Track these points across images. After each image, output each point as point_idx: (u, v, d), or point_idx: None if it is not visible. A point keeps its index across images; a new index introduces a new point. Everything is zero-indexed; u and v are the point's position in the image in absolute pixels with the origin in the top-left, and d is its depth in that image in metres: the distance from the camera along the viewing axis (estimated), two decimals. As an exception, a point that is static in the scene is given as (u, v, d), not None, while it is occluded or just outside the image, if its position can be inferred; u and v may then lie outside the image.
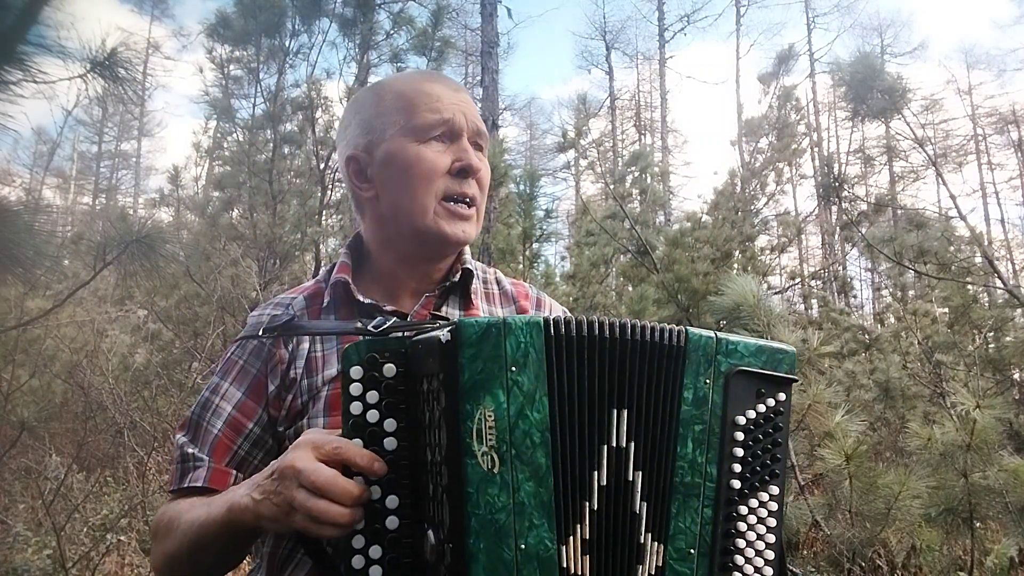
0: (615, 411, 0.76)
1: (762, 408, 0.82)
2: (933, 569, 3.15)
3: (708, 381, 0.79)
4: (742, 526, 0.79)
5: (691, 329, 0.80)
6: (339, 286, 1.04)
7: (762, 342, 0.83)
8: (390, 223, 1.04)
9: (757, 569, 0.80)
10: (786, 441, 0.83)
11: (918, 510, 2.69)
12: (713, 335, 0.81)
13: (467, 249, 1.11)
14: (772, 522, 0.81)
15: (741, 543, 0.79)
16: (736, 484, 0.80)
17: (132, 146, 25.49)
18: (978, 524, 2.91)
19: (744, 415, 0.81)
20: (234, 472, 0.97)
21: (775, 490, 0.81)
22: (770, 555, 0.80)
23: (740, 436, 0.80)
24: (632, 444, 0.76)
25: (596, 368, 0.76)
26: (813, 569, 3.27)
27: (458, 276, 1.07)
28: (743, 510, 0.80)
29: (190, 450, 0.98)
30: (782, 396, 0.83)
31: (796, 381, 0.84)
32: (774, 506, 0.81)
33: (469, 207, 1.02)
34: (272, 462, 0.80)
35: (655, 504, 0.77)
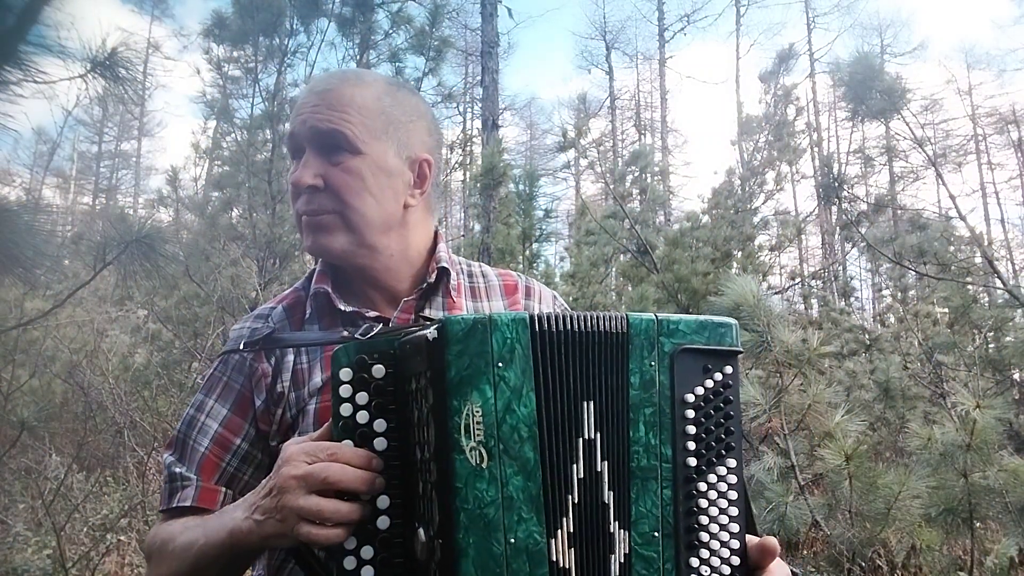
0: (585, 403, 0.77)
1: (710, 383, 0.82)
2: (933, 569, 3.14)
3: (653, 364, 0.80)
4: (703, 503, 0.80)
5: (631, 313, 0.81)
6: (320, 296, 1.03)
7: (703, 318, 0.83)
8: None
9: (723, 543, 0.80)
10: (738, 413, 0.83)
11: (918, 510, 2.69)
12: (653, 317, 0.81)
13: (443, 247, 1.09)
14: (733, 495, 0.81)
15: (704, 519, 0.79)
16: (692, 462, 0.80)
17: (132, 146, 25.56)
18: (978, 524, 2.91)
19: (692, 392, 0.81)
20: (223, 489, 0.97)
21: (732, 463, 0.81)
22: (735, 528, 0.80)
23: (691, 414, 0.80)
24: (599, 435, 0.77)
25: (570, 361, 0.77)
26: (813, 569, 3.26)
27: (433, 276, 1.05)
28: (702, 487, 0.80)
29: (177, 469, 0.97)
30: (729, 369, 0.83)
31: (741, 353, 0.84)
32: (733, 479, 0.81)
33: (317, 217, 0.98)
34: (264, 481, 0.79)
35: (618, 492, 0.77)
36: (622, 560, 0.76)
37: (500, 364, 0.72)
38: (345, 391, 0.75)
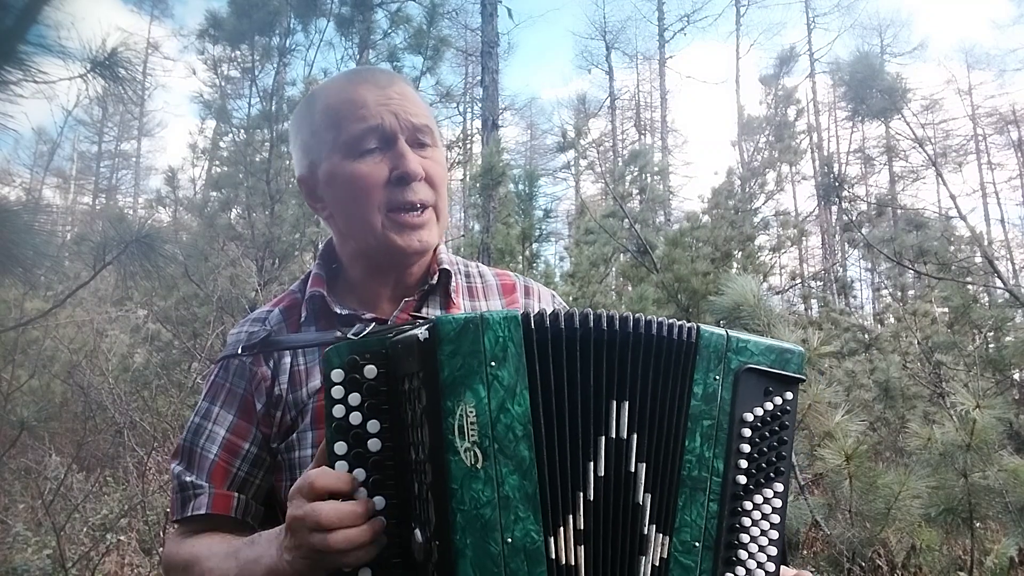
0: (614, 403, 0.76)
1: (769, 406, 0.83)
2: (933, 569, 3.14)
3: (718, 378, 0.80)
4: (747, 521, 0.81)
5: (703, 326, 0.81)
6: (315, 300, 1.03)
7: (771, 341, 0.84)
8: (350, 239, 1.04)
9: (760, 564, 0.81)
10: (792, 440, 0.84)
11: (918, 510, 2.69)
12: (724, 332, 0.81)
13: (443, 248, 1.09)
14: (776, 519, 0.82)
15: (745, 538, 0.81)
16: (742, 480, 0.81)
17: (132, 146, 25.55)
18: (978, 524, 2.90)
19: (752, 412, 0.82)
20: (236, 494, 0.96)
21: (779, 487, 0.83)
22: (773, 551, 0.81)
23: (747, 433, 0.81)
24: (635, 436, 0.77)
25: (591, 360, 0.76)
26: (813, 569, 3.26)
27: (435, 278, 1.05)
28: (748, 506, 0.81)
29: (188, 478, 0.97)
30: (789, 395, 0.84)
31: (803, 380, 0.85)
32: (778, 503, 0.82)
33: (420, 213, 0.98)
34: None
35: (660, 496, 0.77)
36: (656, 563, 0.76)
37: (493, 363, 0.71)
38: (337, 392, 0.75)
